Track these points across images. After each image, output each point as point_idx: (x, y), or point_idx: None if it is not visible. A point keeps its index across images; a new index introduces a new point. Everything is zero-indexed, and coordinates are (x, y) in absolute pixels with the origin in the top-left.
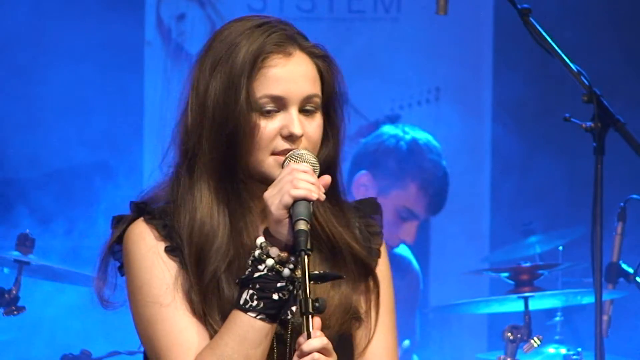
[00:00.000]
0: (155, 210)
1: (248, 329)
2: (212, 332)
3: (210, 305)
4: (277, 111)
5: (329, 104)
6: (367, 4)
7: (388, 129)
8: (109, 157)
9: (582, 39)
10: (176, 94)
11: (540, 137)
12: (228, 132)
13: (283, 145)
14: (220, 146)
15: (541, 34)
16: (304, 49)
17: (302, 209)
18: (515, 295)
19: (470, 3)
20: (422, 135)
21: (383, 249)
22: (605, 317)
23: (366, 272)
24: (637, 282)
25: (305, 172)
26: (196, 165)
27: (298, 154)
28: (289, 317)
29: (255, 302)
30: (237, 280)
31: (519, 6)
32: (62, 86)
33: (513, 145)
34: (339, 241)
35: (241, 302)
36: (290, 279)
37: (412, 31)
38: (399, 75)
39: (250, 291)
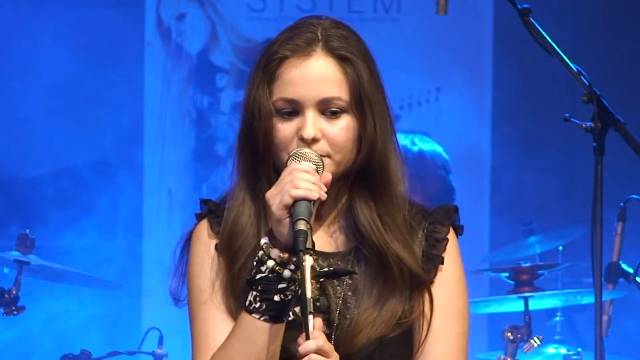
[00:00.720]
0: (219, 208)
1: (252, 331)
2: None
3: (240, 303)
4: (296, 114)
5: (358, 105)
6: (367, 4)
7: (398, 139)
8: (109, 157)
9: (583, 39)
10: (176, 93)
11: (540, 137)
12: (252, 136)
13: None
14: (249, 149)
15: (541, 34)
16: (328, 50)
17: (302, 209)
18: (515, 295)
19: (470, 3)
20: (431, 148)
21: (450, 255)
22: (605, 317)
23: (417, 282)
24: (637, 282)
25: (306, 171)
26: (237, 167)
27: (301, 153)
28: (291, 317)
29: (258, 304)
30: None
31: (519, 6)
32: (62, 86)
33: (513, 145)
34: (384, 247)
35: (247, 303)
36: (292, 280)
37: (412, 31)
38: (399, 75)
39: (254, 293)
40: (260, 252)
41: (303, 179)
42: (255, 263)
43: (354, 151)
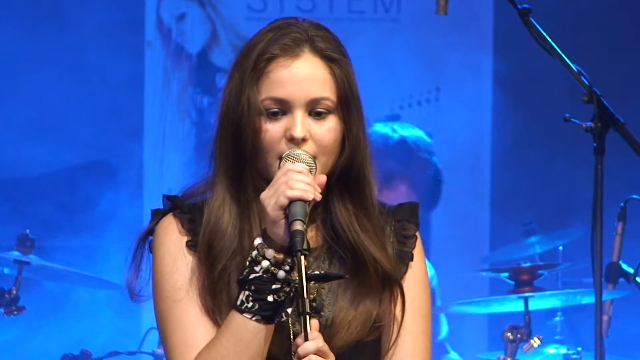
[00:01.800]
0: (186, 205)
1: (243, 330)
2: None
3: (219, 303)
4: (283, 114)
5: (344, 106)
6: (367, 4)
7: (378, 128)
8: (109, 157)
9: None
10: (176, 94)
11: (540, 137)
12: (236, 134)
13: (288, 148)
14: (232, 148)
15: (541, 33)
16: (316, 51)
17: (298, 210)
18: (515, 295)
19: (470, 3)
20: (412, 133)
21: (417, 252)
22: (605, 317)
23: (391, 282)
24: (637, 282)
25: (300, 172)
26: (216, 164)
27: (294, 154)
28: (283, 318)
29: (250, 304)
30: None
31: (519, 6)
32: (62, 86)
33: (513, 145)
34: (361, 249)
35: (238, 302)
36: (286, 281)
37: (412, 31)
38: (399, 75)
39: (246, 292)
40: (255, 252)
41: (298, 180)
42: (248, 263)
43: (337, 153)
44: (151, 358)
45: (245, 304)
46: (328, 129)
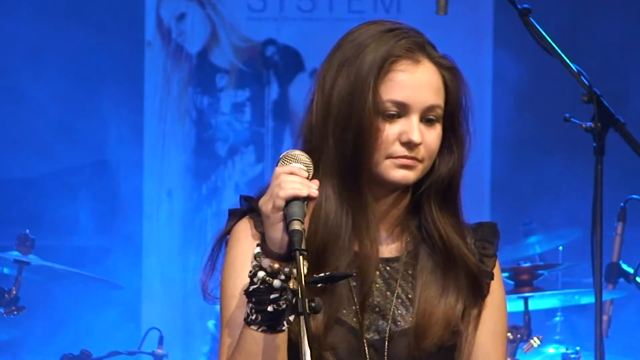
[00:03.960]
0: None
1: (252, 342)
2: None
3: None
4: (399, 116)
5: (453, 116)
6: (367, 4)
7: None
8: (109, 157)
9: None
10: (176, 94)
11: (540, 137)
12: (352, 132)
13: (400, 151)
14: (345, 146)
15: (541, 33)
16: (432, 59)
17: (295, 209)
18: (515, 295)
19: (470, 3)
20: None
21: (497, 273)
22: (605, 317)
23: (476, 288)
24: (637, 282)
25: (290, 172)
26: (321, 163)
27: (291, 155)
28: (284, 327)
29: (254, 316)
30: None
31: (519, 6)
32: (62, 86)
33: (513, 145)
34: (453, 247)
35: (245, 315)
36: (284, 290)
37: None
38: None
39: (250, 305)
40: (253, 263)
41: (289, 180)
42: (249, 275)
43: (433, 159)
44: (151, 358)
45: (250, 316)
46: (437, 135)
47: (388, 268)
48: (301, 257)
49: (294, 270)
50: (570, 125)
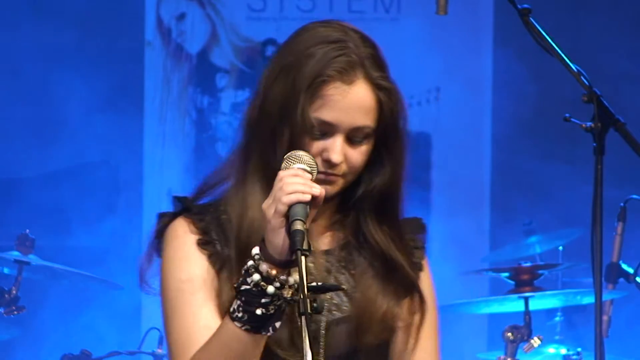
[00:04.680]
0: (196, 207)
1: (232, 338)
2: None
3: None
4: (325, 134)
5: (385, 134)
6: (367, 4)
7: None
8: (109, 157)
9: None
10: (176, 94)
11: (540, 136)
12: (280, 140)
13: (322, 166)
14: (272, 151)
15: (541, 34)
16: (368, 78)
17: (298, 210)
18: (515, 295)
19: (470, 3)
20: None
21: (426, 263)
22: (605, 317)
23: (412, 289)
24: (637, 282)
25: (294, 175)
26: (250, 164)
27: (295, 156)
28: (269, 333)
29: (240, 314)
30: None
31: (519, 6)
32: (62, 85)
33: (513, 144)
34: (393, 258)
35: (231, 309)
36: (276, 296)
37: (412, 31)
38: (399, 75)
39: (238, 302)
40: (250, 262)
41: (292, 183)
42: (243, 272)
43: (358, 174)
44: (151, 358)
45: (236, 313)
46: (361, 152)
47: (321, 260)
48: (303, 257)
49: (290, 279)
50: (570, 125)
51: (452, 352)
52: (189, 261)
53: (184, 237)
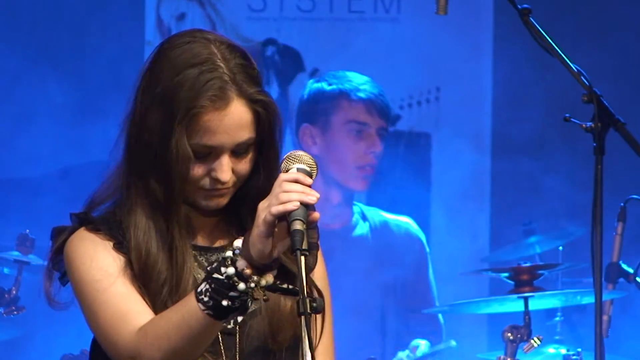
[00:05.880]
0: (96, 220)
1: (192, 315)
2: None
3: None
4: (209, 154)
5: (263, 143)
6: (367, 4)
7: (312, 84)
8: (108, 157)
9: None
10: None
11: (540, 136)
12: (159, 166)
13: (211, 184)
14: (153, 175)
15: (541, 34)
16: (243, 95)
17: (298, 210)
18: (515, 295)
19: (470, 3)
20: (352, 85)
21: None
22: (605, 317)
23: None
24: (637, 282)
25: (294, 179)
26: (132, 190)
27: (295, 156)
28: (230, 326)
29: (206, 298)
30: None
31: (519, 6)
32: (62, 86)
33: (513, 144)
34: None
35: (198, 289)
36: (244, 293)
37: (412, 31)
38: (399, 75)
39: (207, 285)
40: (229, 253)
41: (288, 191)
42: (221, 258)
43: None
44: None
45: (203, 296)
46: (247, 161)
47: (213, 257)
48: (303, 257)
49: (262, 281)
50: (570, 125)
51: (452, 352)
52: (98, 260)
53: (91, 239)
